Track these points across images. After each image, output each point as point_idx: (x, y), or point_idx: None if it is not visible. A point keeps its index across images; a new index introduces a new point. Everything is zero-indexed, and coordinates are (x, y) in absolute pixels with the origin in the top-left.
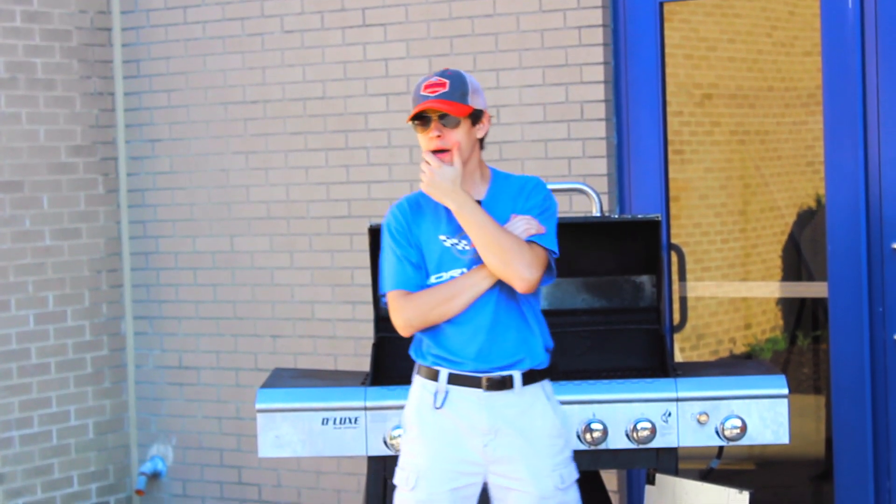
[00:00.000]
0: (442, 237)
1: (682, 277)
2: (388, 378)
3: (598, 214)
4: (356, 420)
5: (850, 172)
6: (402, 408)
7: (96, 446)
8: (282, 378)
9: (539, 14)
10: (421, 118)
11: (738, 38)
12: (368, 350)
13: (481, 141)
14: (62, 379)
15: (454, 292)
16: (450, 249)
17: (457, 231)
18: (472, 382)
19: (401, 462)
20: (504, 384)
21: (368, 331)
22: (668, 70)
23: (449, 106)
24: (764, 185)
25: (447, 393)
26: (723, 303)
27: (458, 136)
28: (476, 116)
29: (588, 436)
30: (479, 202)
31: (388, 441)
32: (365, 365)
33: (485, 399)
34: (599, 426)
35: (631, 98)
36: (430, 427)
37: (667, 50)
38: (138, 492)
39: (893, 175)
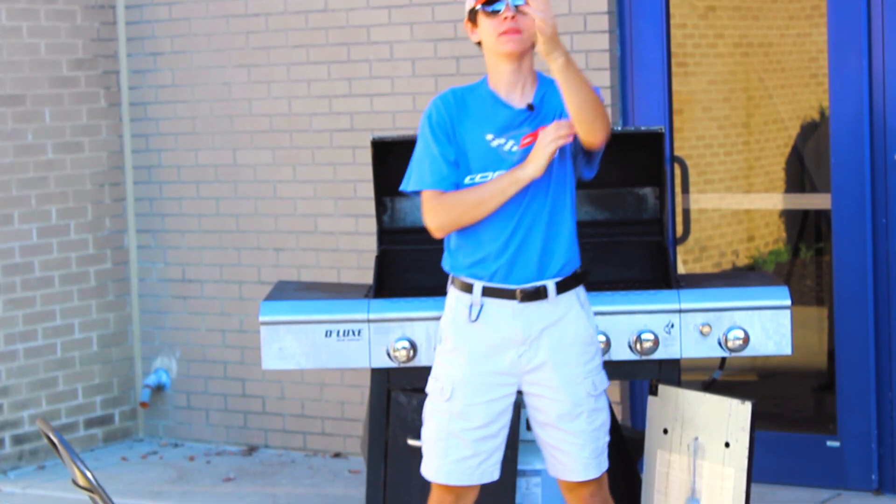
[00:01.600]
0: (489, 136)
1: (685, 189)
2: (391, 290)
3: None
4: (359, 332)
5: (854, 84)
6: (405, 320)
7: (100, 359)
8: (285, 291)
9: None
10: (489, 3)
11: None
12: (371, 263)
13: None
14: (66, 292)
15: (483, 197)
16: (496, 150)
17: (504, 131)
18: (507, 294)
19: (435, 372)
20: (538, 294)
21: (371, 244)
22: None
23: None
24: (767, 98)
25: (482, 306)
26: (726, 215)
27: (529, 21)
28: None
29: None
30: (531, 104)
31: (392, 353)
32: (368, 278)
33: (520, 310)
34: (602, 338)
35: (634, 10)
36: (466, 339)
37: None
38: (142, 404)
39: None
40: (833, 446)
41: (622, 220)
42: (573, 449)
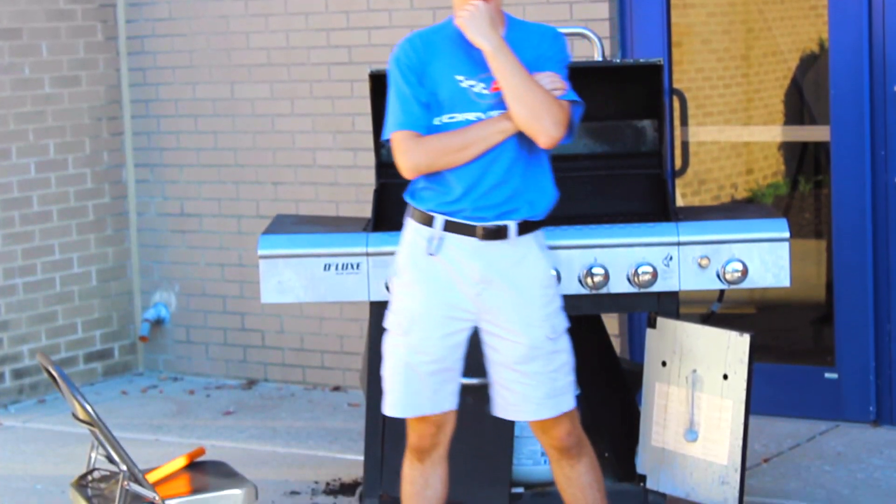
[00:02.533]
0: (459, 77)
1: (684, 122)
2: (389, 224)
3: (600, 59)
4: (358, 266)
5: (854, 15)
6: None
7: (99, 293)
8: (284, 224)
9: None
10: None
11: None
12: (370, 196)
13: None
14: (64, 227)
15: (467, 142)
16: (466, 91)
17: (475, 72)
18: (468, 231)
19: (393, 306)
20: (499, 234)
21: (370, 177)
22: None
23: None
24: (767, 30)
25: (442, 239)
26: (724, 148)
27: None
28: None
29: (589, 280)
30: None
31: (390, 286)
32: (366, 211)
33: (479, 248)
34: (601, 270)
35: None
36: (423, 273)
37: None
38: (142, 338)
39: None
40: (831, 378)
41: (621, 152)
42: (526, 389)
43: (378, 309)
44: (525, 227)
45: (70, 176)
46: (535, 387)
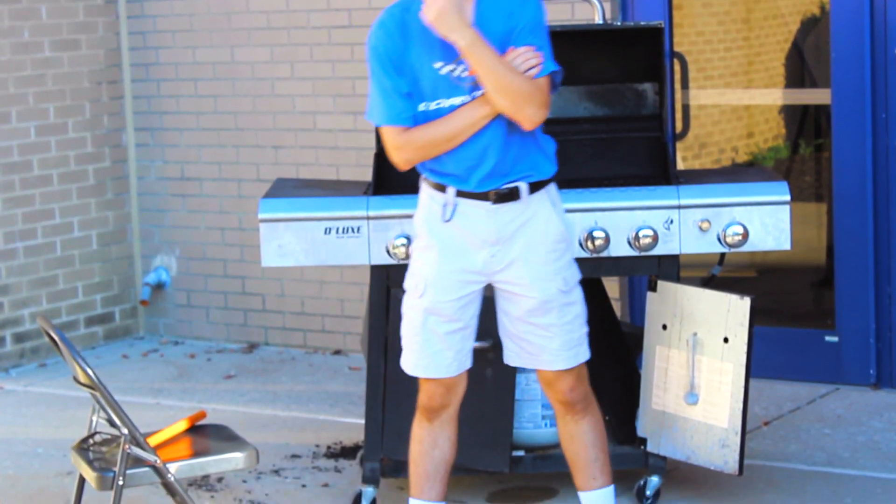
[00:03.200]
0: (437, 65)
1: (685, 85)
2: (390, 188)
3: (601, 22)
4: (359, 229)
5: None
6: (404, 217)
7: (100, 257)
8: (284, 188)
9: None
10: None
11: None
12: (370, 160)
13: None
14: (65, 191)
15: (455, 130)
16: (446, 77)
17: (452, 56)
18: (480, 196)
19: (411, 268)
20: (511, 195)
21: (370, 141)
22: None
23: None
24: None
25: (455, 205)
26: (725, 111)
27: None
28: None
29: (590, 243)
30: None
31: (391, 250)
32: (367, 175)
33: (493, 211)
34: (601, 234)
35: None
36: (439, 237)
37: None
38: (143, 302)
39: None
40: (831, 341)
41: (621, 115)
42: (541, 341)
43: (378, 272)
44: (536, 186)
45: (70, 140)
46: (550, 338)
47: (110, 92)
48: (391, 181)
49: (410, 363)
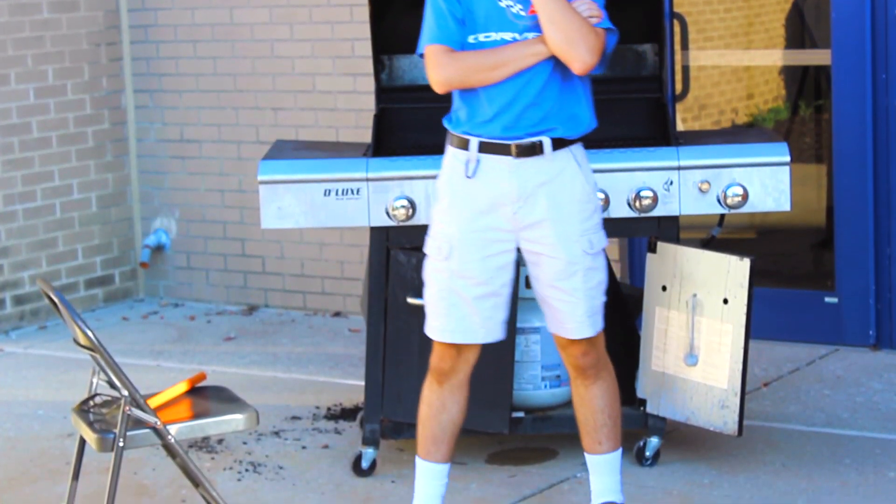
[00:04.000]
0: None
1: (685, 46)
2: (389, 149)
3: None
4: (358, 191)
5: None
6: (403, 178)
7: (100, 220)
8: (283, 150)
9: None
10: None
11: None
12: (370, 122)
13: None
14: (64, 153)
15: (501, 61)
16: (504, 11)
17: None
18: (502, 150)
19: (432, 231)
20: (534, 150)
21: (370, 102)
22: None
23: None
24: None
25: (478, 162)
26: (725, 72)
27: None
28: None
29: None
30: None
31: (391, 212)
32: (366, 137)
33: (515, 166)
34: (601, 195)
35: None
36: (461, 196)
37: None
38: (142, 264)
39: None
40: (831, 302)
41: (621, 76)
42: (567, 307)
43: (378, 234)
44: (560, 143)
45: (69, 102)
46: (575, 304)
47: (109, 54)
48: (391, 143)
49: (436, 328)
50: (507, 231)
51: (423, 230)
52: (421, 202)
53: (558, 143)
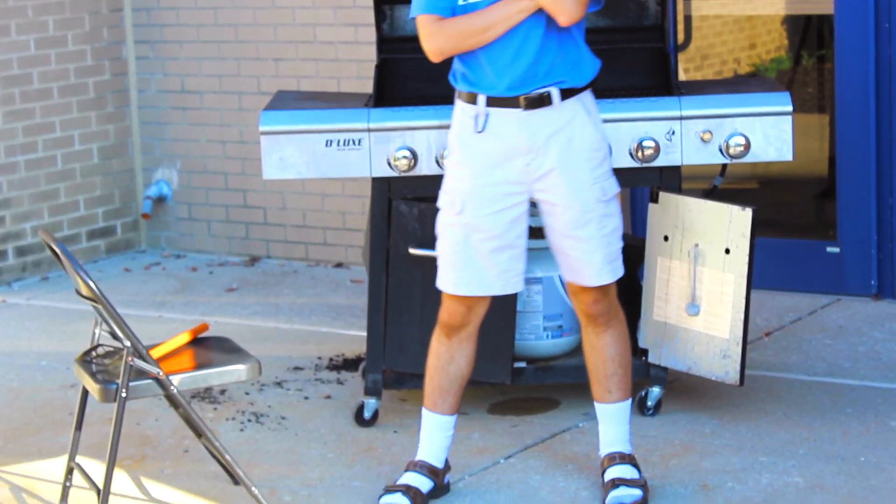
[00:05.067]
0: None
1: None
2: (391, 100)
3: None
4: (360, 141)
5: None
6: (405, 129)
7: (101, 171)
8: (285, 100)
9: None
10: None
11: None
12: (371, 72)
13: None
14: (65, 104)
15: (489, 23)
16: None
17: None
18: (511, 103)
19: (445, 186)
20: (542, 101)
21: (371, 53)
22: None
23: None
24: None
25: (487, 116)
26: (727, 22)
27: None
28: None
29: None
30: None
31: (392, 162)
32: (368, 88)
33: (524, 118)
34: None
35: None
36: (472, 150)
37: None
38: (144, 215)
39: None
40: (833, 252)
41: (623, 26)
42: (584, 255)
43: (380, 185)
44: (568, 92)
45: (70, 53)
46: (592, 252)
47: (110, 4)
48: (392, 93)
49: (450, 281)
50: (519, 184)
51: (425, 181)
52: (423, 153)
53: (566, 93)
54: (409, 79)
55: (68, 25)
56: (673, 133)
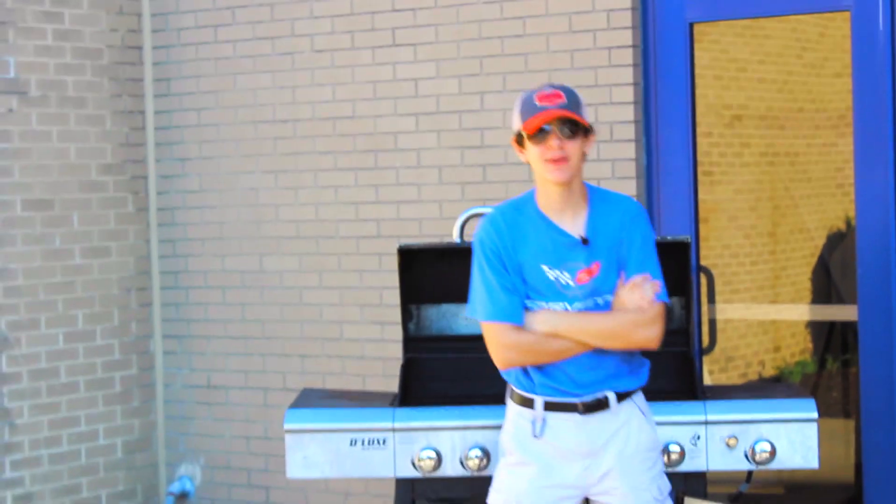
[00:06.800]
0: (545, 267)
1: (711, 300)
2: (416, 399)
3: None
4: (384, 441)
5: (880, 194)
6: (430, 429)
7: (125, 465)
8: (310, 398)
9: (569, 34)
10: (536, 128)
11: (768, 59)
12: (397, 371)
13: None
14: (91, 398)
15: (565, 348)
16: (553, 282)
17: (560, 262)
18: (569, 408)
19: (497, 485)
20: (600, 405)
21: (397, 351)
22: (697, 91)
23: (573, 115)
24: (793, 207)
25: (545, 420)
26: (752, 325)
27: (576, 146)
28: (587, 130)
29: None
30: (584, 238)
31: (417, 463)
32: (393, 386)
33: (582, 422)
34: None
35: (660, 119)
36: (530, 453)
37: (696, 71)
38: None
39: None
40: None
41: None
42: None
43: (404, 486)
44: (624, 395)
45: (98, 347)
46: None
47: (139, 299)
48: (418, 392)
49: None
50: (575, 487)
51: (449, 482)
52: (447, 453)
53: (622, 396)
54: (434, 378)
55: (97, 320)
56: (698, 438)
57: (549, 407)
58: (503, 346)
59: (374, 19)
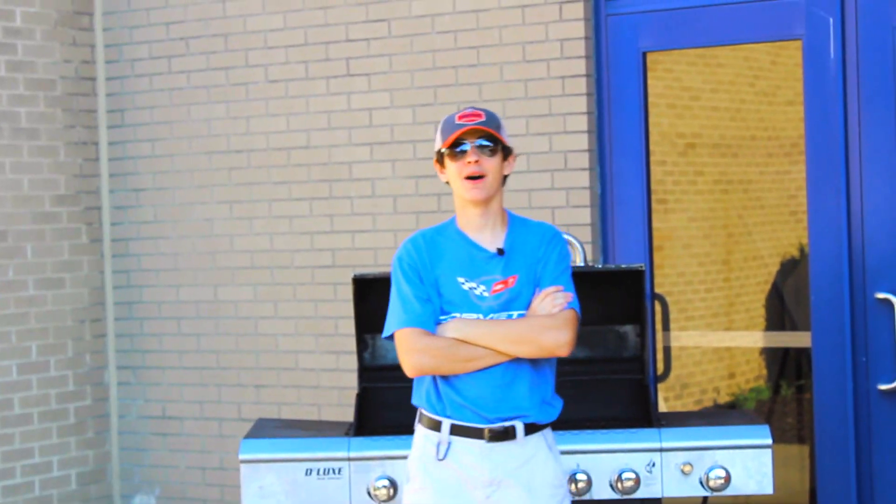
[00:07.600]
0: (461, 279)
1: (666, 327)
2: (371, 428)
3: (582, 264)
4: (340, 470)
5: (834, 221)
6: (385, 458)
7: (79, 497)
8: (265, 428)
9: (523, 64)
10: (455, 146)
11: (720, 88)
12: (352, 400)
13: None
14: (45, 429)
15: (476, 355)
16: (468, 293)
17: (476, 275)
18: (475, 433)
19: None
20: (507, 435)
21: (352, 381)
22: (651, 119)
23: (489, 132)
24: (747, 235)
25: (449, 444)
26: (707, 352)
27: (494, 164)
28: (507, 151)
29: (573, 486)
30: (500, 249)
31: (372, 492)
32: (349, 415)
33: (487, 450)
34: (584, 476)
35: (614, 147)
36: (433, 478)
37: (650, 99)
38: None
39: (876, 224)
40: None
41: (603, 357)
42: None
43: None
44: (533, 428)
45: (52, 378)
46: None
47: (93, 330)
48: (373, 422)
49: None
50: None
51: None
52: (403, 482)
53: (530, 428)
54: (389, 408)
55: (51, 351)
56: (653, 465)
57: (456, 431)
58: (413, 350)
59: (328, 49)
